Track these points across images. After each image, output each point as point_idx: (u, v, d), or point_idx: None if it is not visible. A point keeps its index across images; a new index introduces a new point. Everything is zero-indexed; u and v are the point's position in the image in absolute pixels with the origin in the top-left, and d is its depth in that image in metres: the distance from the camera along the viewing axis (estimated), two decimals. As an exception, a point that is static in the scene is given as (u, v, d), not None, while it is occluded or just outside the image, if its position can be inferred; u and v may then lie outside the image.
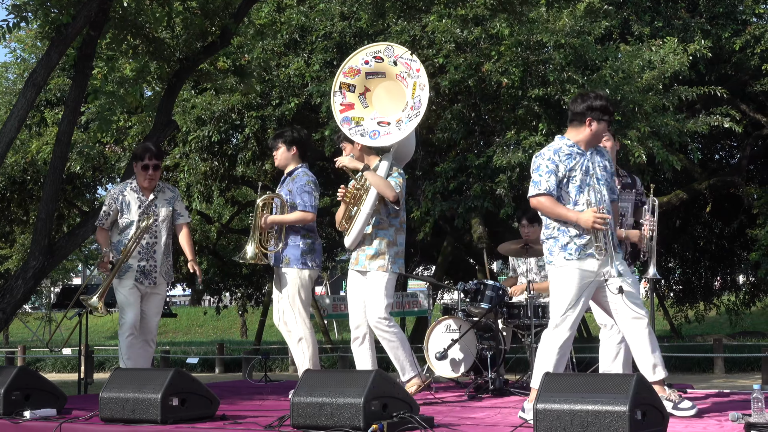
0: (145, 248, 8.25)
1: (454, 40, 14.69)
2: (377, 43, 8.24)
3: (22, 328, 41.86)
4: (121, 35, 10.35)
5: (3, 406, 6.92)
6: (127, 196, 8.33)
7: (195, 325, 44.11)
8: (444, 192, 15.74)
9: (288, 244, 8.05)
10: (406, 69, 7.75)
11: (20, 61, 20.37)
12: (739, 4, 18.51)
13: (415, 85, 7.68)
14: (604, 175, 6.43)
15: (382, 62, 7.83)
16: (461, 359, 8.73)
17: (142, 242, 8.21)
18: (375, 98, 7.87)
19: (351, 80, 7.87)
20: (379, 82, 7.88)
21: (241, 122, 16.38)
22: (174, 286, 41.21)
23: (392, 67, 7.81)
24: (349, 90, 7.86)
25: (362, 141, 7.74)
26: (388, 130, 7.70)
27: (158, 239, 8.30)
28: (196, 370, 25.29)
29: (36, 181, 18.97)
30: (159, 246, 8.30)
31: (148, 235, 8.24)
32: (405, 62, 7.76)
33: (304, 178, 8.08)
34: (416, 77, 7.69)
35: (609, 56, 15.08)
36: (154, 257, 8.27)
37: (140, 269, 8.20)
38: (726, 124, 15.67)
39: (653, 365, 6.26)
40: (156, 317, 8.39)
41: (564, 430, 5.18)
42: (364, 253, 7.71)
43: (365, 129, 7.73)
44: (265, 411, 7.24)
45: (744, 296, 27.82)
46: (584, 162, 6.37)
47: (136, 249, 8.16)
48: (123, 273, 8.20)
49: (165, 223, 8.35)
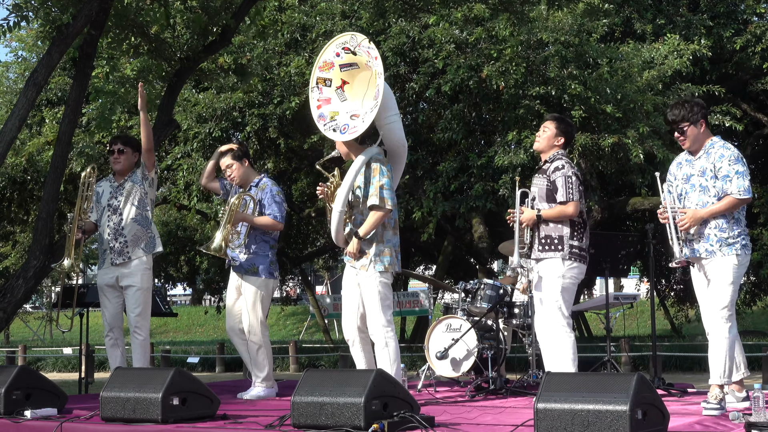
0: (113, 228, 8.37)
1: (454, 41, 14.68)
2: (343, 34, 8.06)
3: (23, 327, 41.86)
4: (122, 35, 10.35)
5: (4, 406, 6.92)
6: (100, 189, 8.56)
7: (195, 324, 44.09)
8: (445, 192, 15.74)
9: (258, 253, 8.20)
10: (368, 57, 7.58)
11: (21, 61, 20.38)
12: (740, 4, 18.53)
13: (374, 74, 7.49)
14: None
15: (350, 53, 7.67)
16: (462, 359, 8.72)
17: (110, 223, 8.37)
18: (354, 90, 7.70)
19: (327, 74, 7.73)
20: (357, 73, 7.69)
21: (243, 120, 16.39)
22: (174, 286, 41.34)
23: (360, 56, 7.63)
24: (326, 84, 7.72)
25: (333, 136, 7.63)
26: (354, 124, 7.50)
27: (123, 216, 8.38)
28: (197, 369, 25.27)
29: (36, 180, 18.96)
30: (126, 223, 8.37)
31: (116, 215, 8.38)
32: (366, 50, 7.58)
33: (274, 188, 8.28)
34: (375, 65, 7.47)
35: (610, 55, 15.08)
36: (123, 233, 8.35)
37: (112, 249, 8.35)
38: (727, 122, 15.67)
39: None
40: (132, 308, 8.39)
41: (565, 429, 5.18)
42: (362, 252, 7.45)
43: (338, 124, 7.58)
44: (265, 410, 7.24)
45: (745, 296, 27.77)
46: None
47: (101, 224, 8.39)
48: (101, 262, 8.46)
49: (129, 200, 8.42)
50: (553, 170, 7.30)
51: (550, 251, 7.21)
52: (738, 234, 6.50)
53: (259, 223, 8.10)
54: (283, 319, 41.14)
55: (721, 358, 6.47)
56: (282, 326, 40.42)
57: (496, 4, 14.36)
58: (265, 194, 8.19)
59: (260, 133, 16.61)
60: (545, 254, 7.24)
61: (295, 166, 20.10)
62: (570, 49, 14.49)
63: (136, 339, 8.44)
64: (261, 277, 8.16)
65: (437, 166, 15.71)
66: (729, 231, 6.46)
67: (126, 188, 8.43)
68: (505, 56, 14.30)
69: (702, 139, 6.64)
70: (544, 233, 7.25)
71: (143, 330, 8.45)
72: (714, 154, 6.54)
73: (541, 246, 7.26)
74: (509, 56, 14.25)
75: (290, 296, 39.44)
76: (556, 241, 7.22)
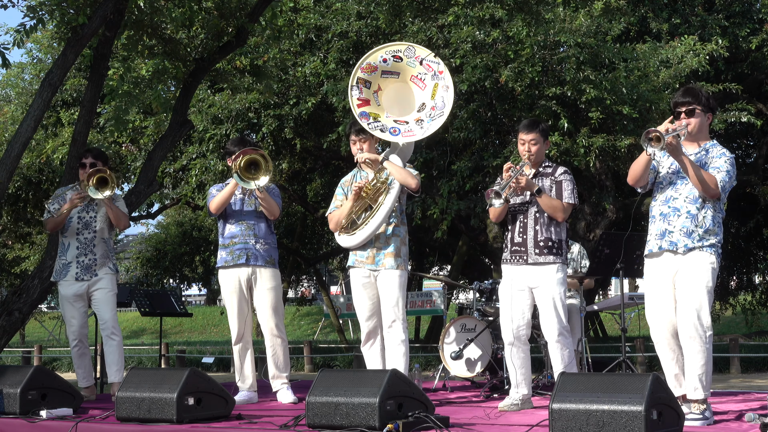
0: (84, 243, 8.30)
1: (471, 41, 14.67)
2: (399, 43, 8.16)
3: (39, 327, 41.98)
4: (136, 36, 10.37)
5: (19, 406, 6.95)
6: (68, 195, 8.43)
7: (210, 324, 44.13)
8: (460, 191, 15.73)
9: (272, 245, 8.06)
10: (428, 71, 7.69)
11: (36, 62, 20.45)
12: (755, 3, 18.45)
13: (437, 86, 7.63)
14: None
15: (400, 62, 7.76)
16: (476, 359, 8.73)
17: (80, 237, 8.30)
18: (385, 98, 7.78)
19: (367, 76, 7.77)
20: (392, 82, 7.79)
21: (258, 121, 16.40)
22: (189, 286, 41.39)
23: (410, 68, 7.74)
24: (365, 86, 7.76)
25: (383, 136, 7.58)
26: (410, 128, 7.61)
27: (96, 234, 8.34)
28: (212, 369, 25.29)
29: (52, 181, 19.02)
30: (98, 240, 8.33)
31: (87, 230, 8.31)
32: (428, 64, 7.71)
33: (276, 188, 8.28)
34: (440, 79, 7.65)
35: (626, 57, 15.04)
36: (93, 251, 8.30)
37: (80, 264, 8.27)
38: (743, 118, 15.58)
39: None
40: (108, 311, 8.32)
41: (580, 429, 5.17)
42: (382, 252, 7.45)
43: (384, 125, 7.60)
44: (280, 410, 7.25)
45: (760, 296, 27.71)
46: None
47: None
48: (64, 272, 8.32)
49: (101, 217, 8.38)
50: (562, 172, 7.24)
51: (551, 255, 7.10)
52: (719, 239, 6.39)
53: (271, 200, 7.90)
54: (298, 320, 41.15)
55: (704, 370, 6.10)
56: (297, 326, 40.42)
57: (511, 4, 14.35)
58: (273, 187, 8.15)
59: (276, 134, 16.62)
60: (545, 257, 7.11)
61: (309, 167, 20.12)
62: (585, 50, 14.45)
63: (112, 341, 8.31)
64: (277, 269, 8.04)
65: (452, 166, 15.69)
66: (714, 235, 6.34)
67: (100, 205, 8.38)
68: (522, 57, 14.28)
69: (705, 132, 6.46)
70: (544, 235, 7.12)
71: (118, 332, 8.36)
72: (714, 151, 6.36)
73: (539, 249, 7.11)
74: (525, 57, 14.23)
75: (305, 296, 39.46)
76: (557, 244, 7.14)
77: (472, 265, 27.36)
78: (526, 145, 7.21)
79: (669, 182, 6.47)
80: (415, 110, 7.71)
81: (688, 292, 6.18)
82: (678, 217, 6.32)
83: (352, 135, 7.74)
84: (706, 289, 6.19)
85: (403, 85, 7.78)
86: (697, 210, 6.29)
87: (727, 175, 6.26)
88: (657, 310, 6.36)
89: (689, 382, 6.12)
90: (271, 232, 8.07)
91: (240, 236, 7.95)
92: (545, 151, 7.35)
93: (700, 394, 6.08)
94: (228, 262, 7.95)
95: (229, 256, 7.95)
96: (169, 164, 17.97)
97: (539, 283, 7.08)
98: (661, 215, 6.42)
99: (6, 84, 21.68)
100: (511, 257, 7.21)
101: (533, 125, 7.27)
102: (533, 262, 7.12)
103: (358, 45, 15.59)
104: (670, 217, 6.36)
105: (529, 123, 7.32)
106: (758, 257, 26.25)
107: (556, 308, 7.02)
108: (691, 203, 6.31)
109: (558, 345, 7.05)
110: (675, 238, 6.31)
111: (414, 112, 7.71)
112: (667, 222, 6.37)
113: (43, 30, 12.67)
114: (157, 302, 13.68)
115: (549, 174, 7.26)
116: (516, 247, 7.18)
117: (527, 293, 7.15)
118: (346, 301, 26.98)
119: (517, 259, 7.17)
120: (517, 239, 7.19)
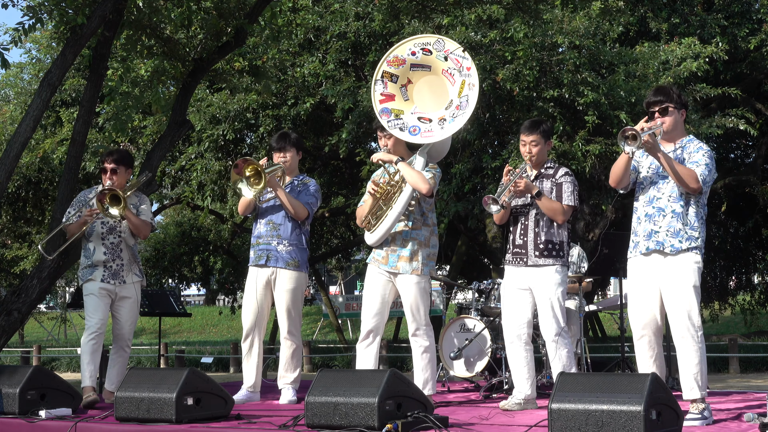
0: (111, 248, 8.11)
1: (468, 42, 14.66)
2: (427, 35, 7.98)
3: (38, 327, 42.01)
4: (135, 35, 10.37)
5: (18, 406, 6.95)
6: (90, 198, 8.22)
7: (209, 324, 44.16)
8: (459, 193, 15.72)
9: (297, 246, 7.99)
10: (456, 65, 7.48)
11: (35, 62, 20.46)
12: (754, 3, 18.45)
13: (464, 84, 7.45)
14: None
15: (429, 55, 7.55)
16: (476, 359, 8.73)
17: (106, 242, 8.10)
18: (416, 92, 7.61)
19: (395, 70, 7.61)
20: (423, 75, 7.61)
21: (256, 121, 16.40)
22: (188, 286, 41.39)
23: (440, 61, 7.53)
24: (392, 80, 7.60)
25: (401, 135, 7.47)
26: (430, 128, 7.46)
27: (123, 239, 8.16)
28: (211, 369, 25.31)
29: (51, 181, 19.03)
30: (125, 245, 8.17)
31: (113, 235, 8.13)
32: (455, 59, 7.49)
33: (316, 185, 8.19)
34: (466, 75, 7.45)
35: (625, 60, 15.03)
36: (120, 256, 8.13)
37: (107, 269, 8.08)
38: (741, 126, 15.60)
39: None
40: (129, 324, 8.22)
41: (579, 429, 5.18)
42: (396, 254, 7.40)
43: (405, 123, 7.48)
44: (279, 410, 7.25)
45: (759, 296, 27.72)
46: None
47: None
48: (90, 272, 8.08)
49: (126, 222, 8.14)
50: (563, 174, 7.22)
51: (551, 257, 7.08)
52: (703, 236, 6.37)
53: (290, 199, 7.86)
54: (297, 320, 41.17)
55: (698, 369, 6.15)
56: (296, 326, 40.44)
57: (510, 3, 14.33)
58: (308, 186, 8.10)
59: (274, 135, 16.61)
60: (545, 260, 7.09)
61: (308, 167, 20.12)
62: (583, 52, 14.44)
63: (124, 353, 8.21)
64: (302, 272, 8.01)
65: (451, 168, 15.69)
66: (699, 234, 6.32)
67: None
68: (519, 59, 14.27)
69: (680, 129, 6.48)
70: (544, 238, 7.10)
71: (130, 347, 8.30)
72: (691, 146, 6.39)
73: (539, 252, 7.09)
74: (523, 58, 14.22)
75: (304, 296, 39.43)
76: (558, 247, 7.13)
77: (471, 265, 27.37)
78: (527, 147, 7.20)
79: (651, 182, 6.49)
80: (444, 107, 7.53)
81: (677, 294, 6.23)
82: (663, 217, 6.35)
83: (378, 130, 7.68)
84: (693, 290, 6.23)
85: (436, 78, 7.58)
86: (682, 208, 6.32)
87: (706, 168, 6.28)
88: (641, 309, 6.42)
89: (685, 383, 6.16)
90: (300, 233, 8.02)
91: (264, 237, 7.99)
92: (547, 151, 7.33)
93: (697, 393, 6.12)
94: (253, 262, 8.03)
95: (254, 255, 8.04)
96: (168, 164, 17.97)
97: (538, 284, 7.08)
98: (646, 216, 6.45)
99: (5, 84, 21.71)
100: (513, 259, 7.22)
101: (534, 126, 7.25)
102: (533, 264, 7.12)
103: (356, 46, 15.58)
104: (656, 218, 6.39)
105: (530, 124, 7.31)
106: (757, 257, 26.26)
107: (553, 309, 7.02)
108: (674, 201, 6.34)
109: (556, 345, 7.05)
110: (661, 237, 6.34)
111: (443, 108, 7.53)
112: (652, 222, 6.40)
113: (42, 30, 12.68)
114: (156, 302, 13.68)
115: (550, 175, 7.24)
116: (517, 249, 7.19)
117: (528, 294, 7.14)
118: (345, 301, 27.03)
119: (517, 261, 7.18)
120: (518, 241, 7.20)
